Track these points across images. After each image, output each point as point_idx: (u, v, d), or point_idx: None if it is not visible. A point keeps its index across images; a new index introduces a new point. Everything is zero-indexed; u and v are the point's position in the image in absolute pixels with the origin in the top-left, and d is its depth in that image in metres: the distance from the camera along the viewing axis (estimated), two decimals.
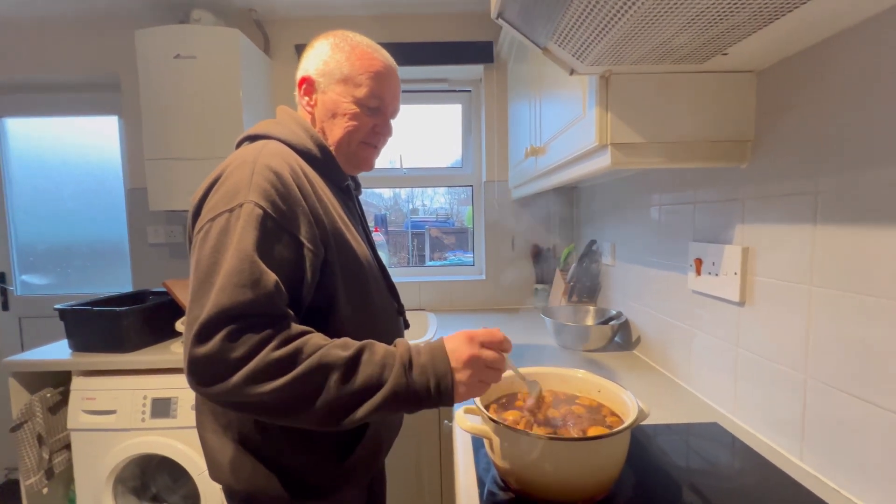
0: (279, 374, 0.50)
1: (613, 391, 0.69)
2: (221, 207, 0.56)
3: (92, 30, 1.77)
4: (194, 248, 0.56)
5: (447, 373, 0.55)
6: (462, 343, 0.57)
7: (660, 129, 0.75)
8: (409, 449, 1.40)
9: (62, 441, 1.33)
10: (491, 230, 1.91)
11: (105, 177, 1.98)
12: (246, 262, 0.51)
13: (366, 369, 0.53)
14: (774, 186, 0.72)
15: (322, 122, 0.72)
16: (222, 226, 0.54)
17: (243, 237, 0.53)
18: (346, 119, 0.71)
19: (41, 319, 1.95)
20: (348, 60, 0.70)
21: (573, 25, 0.60)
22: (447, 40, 1.76)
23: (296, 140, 0.68)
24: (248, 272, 0.51)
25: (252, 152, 0.61)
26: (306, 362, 0.51)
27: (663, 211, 1.08)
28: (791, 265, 0.69)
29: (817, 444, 0.65)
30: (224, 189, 0.57)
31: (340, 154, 0.73)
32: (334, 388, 0.51)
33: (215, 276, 0.51)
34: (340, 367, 0.52)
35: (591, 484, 0.58)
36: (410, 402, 0.54)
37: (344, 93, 0.71)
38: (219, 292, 0.50)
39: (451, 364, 0.56)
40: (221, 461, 0.65)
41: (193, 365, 0.50)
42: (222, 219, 0.55)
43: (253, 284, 0.51)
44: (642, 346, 1.21)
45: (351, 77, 0.70)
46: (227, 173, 0.59)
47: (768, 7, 0.53)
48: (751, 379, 0.79)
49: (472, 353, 0.56)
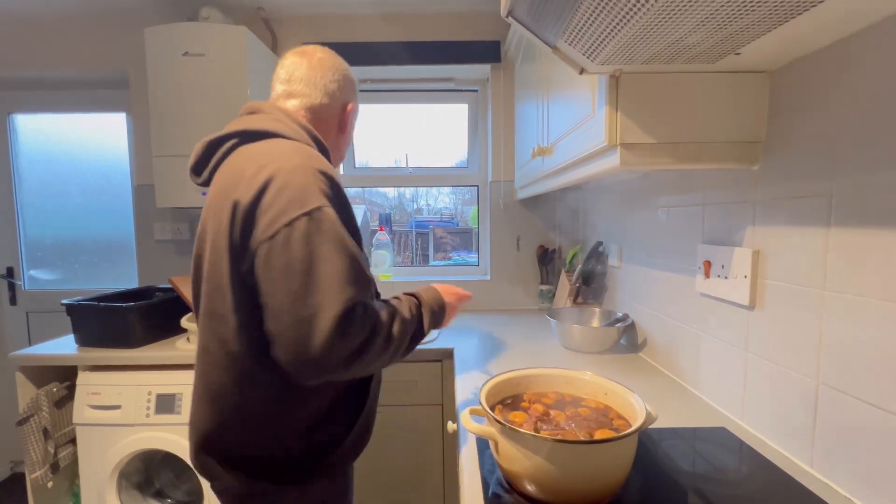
0: (393, 338, 0.64)
1: (621, 394, 0.69)
2: (296, 211, 0.57)
3: (101, 27, 1.78)
4: (272, 252, 0.57)
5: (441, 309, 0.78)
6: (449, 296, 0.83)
7: (670, 130, 0.74)
8: (413, 450, 1.39)
9: (67, 435, 1.34)
10: (496, 230, 1.90)
11: (113, 173, 1.99)
12: (354, 259, 0.59)
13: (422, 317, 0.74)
14: (787, 188, 0.71)
15: (337, 137, 0.83)
16: (306, 228, 0.56)
17: (337, 237, 0.58)
18: (348, 137, 0.86)
19: (48, 314, 1.97)
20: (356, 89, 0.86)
21: (584, 24, 0.60)
22: (454, 39, 1.76)
23: (300, 139, 0.71)
24: (358, 267, 0.59)
25: (294, 154, 0.63)
26: (400, 325, 0.66)
27: (671, 212, 1.07)
28: (803, 269, 0.68)
29: (828, 451, 0.64)
30: (289, 193, 0.58)
31: (337, 158, 0.85)
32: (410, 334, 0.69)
33: (320, 275, 0.56)
34: (409, 319, 0.69)
35: (597, 487, 0.57)
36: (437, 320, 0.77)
37: (356, 112, 0.86)
38: (341, 288, 0.56)
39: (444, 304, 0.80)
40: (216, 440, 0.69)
41: (332, 350, 0.55)
42: (302, 222, 0.56)
43: (364, 276, 0.60)
44: (648, 349, 1.20)
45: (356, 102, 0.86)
46: (285, 177, 0.59)
47: (783, 7, 0.52)
48: (760, 383, 0.78)
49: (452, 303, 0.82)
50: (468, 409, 0.67)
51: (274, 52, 1.77)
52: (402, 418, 1.38)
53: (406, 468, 1.40)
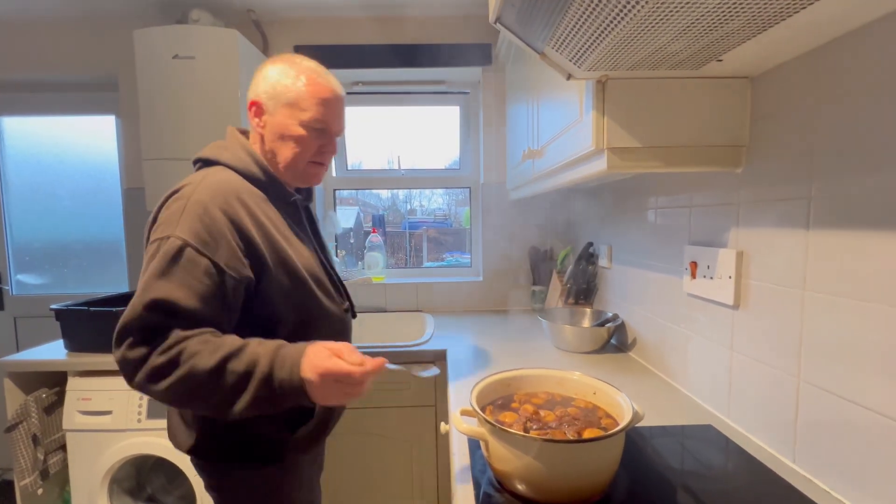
0: (162, 377, 0.60)
1: (609, 393, 0.70)
2: (157, 234, 0.65)
3: (90, 29, 1.76)
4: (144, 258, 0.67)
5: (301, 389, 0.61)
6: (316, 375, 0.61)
7: (655, 134, 0.75)
8: (405, 451, 1.40)
9: (57, 441, 1.33)
10: (488, 232, 1.91)
11: (102, 176, 1.97)
12: (144, 286, 0.61)
13: (229, 378, 0.60)
14: (768, 191, 0.73)
15: (271, 142, 0.78)
16: (151, 252, 0.65)
17: (155, 266, 0.62)
18: (293, 141, 0.77)
19: (37, 319, 1.94)
20: (294, 85, 0.76)
21: (570, 31, 0.61)
22: (446, 42, 1.77)
23: (240, 165, 0.76)
24: (141, 294, 0.61)
25: (193, 184, 0.70)
26: (179, 369, 0.59)
27: (659, 214, 1.09)
28: (784, 269, 0.70)
29: (809, 447, 0.66)
30: (165, 216, 0.67)
31: (289, 171, 0.79)
32: (210, 391, 0.60)
33: (137, 291, 0.62)
34: (206, 373, 0.59)
35: (586, 485, 0.58)
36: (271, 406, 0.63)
37: (290, 116, 0.76)
38: (128, 309, 0.61)
39: (303, 377, 0.61)
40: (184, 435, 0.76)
41: (119, 363, 0.62)
42: (153, 247, 0.65)
43: (146, 305, 0.60)
44: (638, 349, 1.22)
45: (297, 101, 0.76)
46: (171, 202, 0.68)
47: (762, 15, 0.53)
48: (744, 382, 0.80)
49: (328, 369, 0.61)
50: (459, 410, 0.68)
51: (265, 55, 1.76)
52: (396, 420, 1.39)
53: (400, 469, 1.41)
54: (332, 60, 1.76)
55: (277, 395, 0.61)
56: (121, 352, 0.61)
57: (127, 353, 0.60)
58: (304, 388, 0.61)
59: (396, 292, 1.90)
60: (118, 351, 0.61)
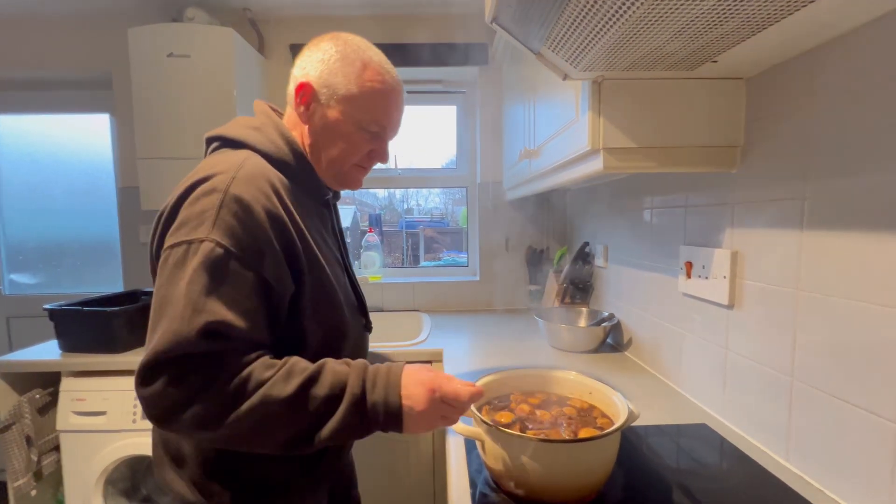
0: (221, 415, 0.50)
1: (604, 393, 0.70)
2: (182, 236, 0.53)
3: (84, 27, 1.75)
4: (158, 270, 0.55)
5: (397, 412, 0.54)
6: (422, 392, 0.55)
7: (651, 134, 0.76)
8: (403, 451, 1.40)
9: (51, 442, 1.32)
10: (485, 231, 1.91)
11: (96, 175, 1.96)
12: (189, 306, 0.50)
13: (312, 404, 0.52)
14: (763, 191, 0.73)
15: (316, 135, 0.68)
16: (178, 258, 0.52)
17: (194, 279, 0.51)
18: (343, 140, 0.67)
19: (30, 319, 1.93)
20: (358, 79, 0.65)
21: (566, 31, 0.61)
22: (443, 41, 1.76)
23: (274, 151, 0.64)
24: (188, 317, 0.49)
25: (228, 172, 0.57)
26: (247, 402, 0.50)
27: (655, 214, 1.09)
28: (778, 269, 0.70)
29: (802, 446, 0.66)
30: (191, 212, 0.54)
31: (330, 171, 0.70)
32: (285, 424, 0.52)
33: (162, 314, 0.51)
34: (282, 403, 0.51)
35: (582, 485, 0.59)
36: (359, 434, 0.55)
37: (347, 113, 0.66)
38: (161, 335, 0.49)
39: (404, 410, 0.55)
40: (186, 493, 0.63)
41: (141, 403, 0.50)
42: (180, 250, 0.52)
43: (202, 331, 0.49)
44: (634, 348, 1.22)
45: (357, 98, 0.65)
46: (198, 194, 0.55)
47: (756, 17, 0.54)
48: (739, 381, 0.80)
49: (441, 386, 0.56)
50: None
51: (261, 54, 1.76)
52: None
53: (396, 469, 1.41)
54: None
55: (368, 420, 0.54)
56: (157, 388, 0.48)
57: (169, 390, 0.48)
58: (401, 411, 0.54)
59: (393, 292, 1.90)
60: (151, 387, 0.49)
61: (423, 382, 0.56)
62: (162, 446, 0.66)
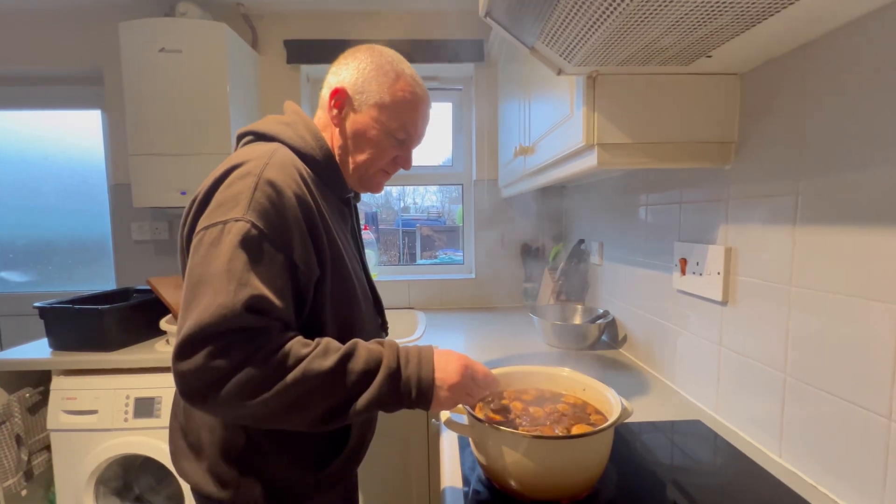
0: (263, 388, 0.51)
1: (598, 389, 0.70)
2: (218, 217, 0.55)
3: (75, 22, 1.73)
4: (191, 251, 0.56)
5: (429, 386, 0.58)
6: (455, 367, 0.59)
7: (645, 130, 0.75)
8: (398, 448, 1.39)
9: (42, 442, 1.31)
10: (481, 229, 1.91)
11: (88, 172, 1.93)
12: (232, 281, 0.51)
13: (350, 377, 0.55)
14: (757, 187, 0.73)
15: (346, 138, 0.71)
16: (214, 237, 0.53)
17: (234, 256, 0.52)
18: (372, 145, 0.70)
19: (20, 317, 1.90)
20: (390, 88, 0.69)
21: (560, 25, 0.60)
22: (438, 38, 1.76)
23: (303, 146, 0.67)
24: (233, 291, 0.50)
25: (261, 159, 0.59)
26: (290, 375, 0.51)
27: (650, 211, 1.09)
28: (772, 265, 0.70)
29: (795, 441, 0.67)
30: (225, 195, 0.56)
31: (356, 173, 0.72)
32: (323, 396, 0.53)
33: (202, 290, 0.51)
34: (322, 376, 0.53)
35: (576, 482, 0.58)
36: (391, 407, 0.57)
37: (377, 118, 0.69)
38: (203, 309, 0.50)
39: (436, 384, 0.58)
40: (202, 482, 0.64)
41: (178, 379, 0.50)
42: (215, 230, 0.54)
43: (248, 304, 0.51)
44: (629, 345, 1.22)
45: (388, 106, 0.69)
46: (233, 178, 0.57)
47: (750, 12, 0.53)
48: (733, 377, 0.80)
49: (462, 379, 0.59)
50: None
51: (254, 49, 1.74)
52: (387, 417, 1.38)
53: (391, 467, 1.40)
54: (323, 55, 1.74)
55: (401, 393, 0.56)
56: (198, 361, 0.49)
57: (212, 363, 0.49)
58: (433, 384, 0.57)
59: (388, 290, 1.89)
60: (191, 360, 0.49)
61: (456, 359, 0.60)
62: (181, 436, 0.68)
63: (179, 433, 0.69)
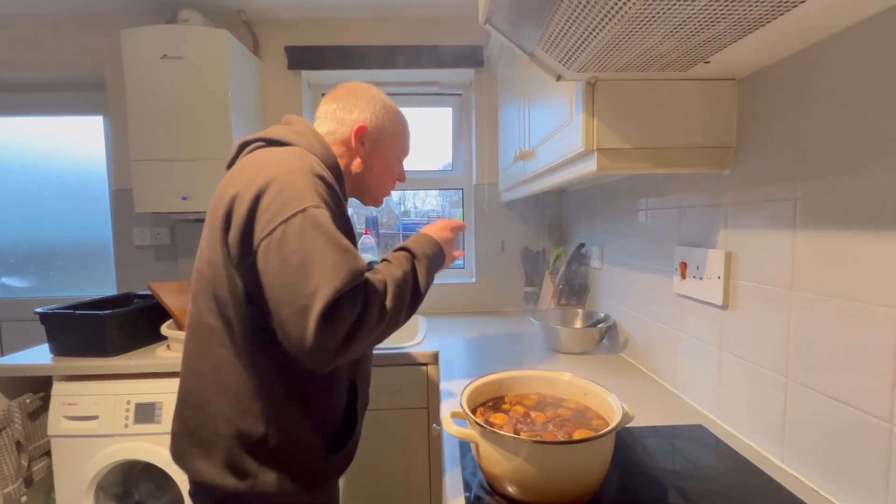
0: (382, 314, 0.64)
1: (599, 394, 0.70)
2: (290, 211, 0.60)
3: (77, 28, 1.74)
4: (269, 248, 0.60)
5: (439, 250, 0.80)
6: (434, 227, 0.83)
7: (644, 135, 0.76)
8: (399, 454, 1.39)
9: (42, 448, 1.30)
10: (481, 233, 1.91)
11: (89, 177, 1.94)
12: (342, 252, 0.60)
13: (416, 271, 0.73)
14: (755, 192, 0.74)
15: (365, 167, 0.83)
16: (299, 226, 0.59)
17: (327, 233, 0.60)
18: (388, 169, 0.87)
19: (22, 323, 1.91)
20: (395, 123, 0.86)
21: (559, 32, 0.61)
22: (438, 44, 1.77)
23: (317, 153, 0.74)
24: (347, 258, 0.60)
25: (295, 160, 0.66)
26: (390, 292, 0.66)
27: (650, 215, 1.09)
28: (771, 269, 0.70)
29: (797, 446, 0.66)
30: (285, 195, 0.61)
31: (375, 192, 0.88)
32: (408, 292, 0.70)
33: (315, 266, 0.58)
34: (402, 279, 0.69)
35: (577, 487, 0.58)
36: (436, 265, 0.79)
37: (391, 148, 0.86)
38: (331, 278, 0.57)
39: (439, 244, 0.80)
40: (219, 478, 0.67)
41: (327, 336, 0.57)
42: (296, 221, 0.59)
43: (353, 266, 0.60)
44: (630, 349, 1.22)
45: (396, 136, 0.86)
46: (280, 181, 0.62)
47: (747, 18, 0.54)
48: (734, 381, 0.80)
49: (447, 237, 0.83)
50: (450, 413, 0.68)
51: (256, 56, 1.75)
52: (388, 422, 1.38)
53: (392, 472, 1.40)
54: (324, 61, 1.76)
55: (427, 257, 0.75)
56: (343, 314, 0.58)
57: (350, 313, 0.59)
58: (431, 237, 0.79)
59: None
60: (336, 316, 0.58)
61: (429, 227, 0.83)
62: (188, 440, 0.70)
63: (186, 438, 0.70)
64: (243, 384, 0.67)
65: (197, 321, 0.70)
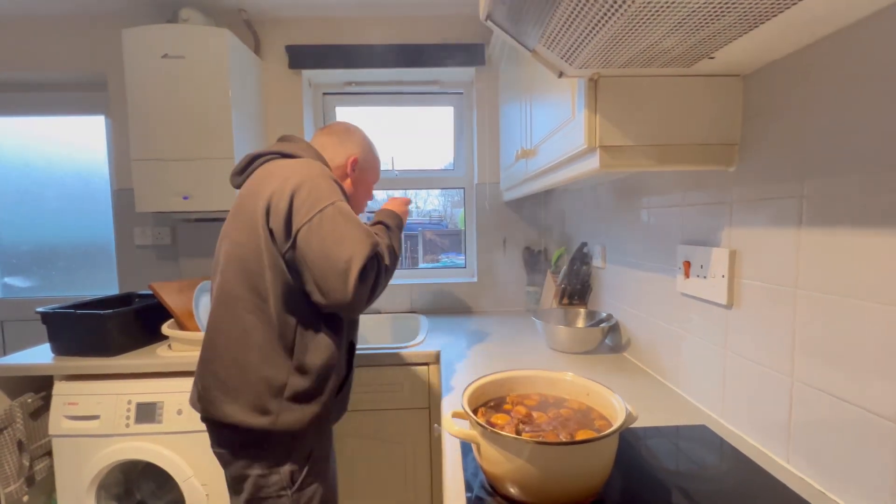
0: (395, 259, 0.92)
1: (602, 394, 0.69)
2: (324, 203, 0.80)
3: (78, 28, 1.74)
4: (309, 231, 0.78)
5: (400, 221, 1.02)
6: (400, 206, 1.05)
7: (648, 132, 0.75)
8: (401, 454, 1.39)
9: (43, 447, 1.30)
10: (482, 232, 1.90)
11: (91, 177, 1.95)
12: (364, 231, 0.81)
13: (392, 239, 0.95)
14: (760, 189, 0.73)
15: (356, 189, 1.06)
16: (331, 214, 0.80)
17: (350, 219, 0.81)
18: (368, 191, 1.11)
19: (23, 322, 1.91)
20: (375, 159, 1.10)
21: (561, 28, 0.60)
22: (439, 42, 1.76)
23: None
24: (369, 235, 0.81)
25: (316, 167, 0.87)
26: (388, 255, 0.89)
27: (652, 213, 1.08)
28: (777, 268, 0.70)
29: (803, 447, 0.66)
30: (316, 194, 0.81)
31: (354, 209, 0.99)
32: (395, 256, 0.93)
33: (347, 242, 0.78)
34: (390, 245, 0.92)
35: (580, 488, 0.58)
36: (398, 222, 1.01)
37: (371, 176, 1.09)
38: (362, 248, 0.78)
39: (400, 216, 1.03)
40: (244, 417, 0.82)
41: (362, 288, 0.79)
42: (329, 210, 0.80)
43: (374, 241, 0.82)
44: (632, 349, 1.21)
45: (375, 168, 1.11)
46: (310, 183, 0.83)
47: (753, 12, 0.53)
48: (738, 381, 0.79)
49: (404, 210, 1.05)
50: (451, 413, 0.67)
51: (257, 55, 1.75)
52: (389, 422, 1.37)
53: (394, 472, 1.39)
54: (325, 60, 1.75)
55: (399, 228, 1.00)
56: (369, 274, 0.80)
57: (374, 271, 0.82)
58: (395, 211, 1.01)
59: (391, 294, 1.89)
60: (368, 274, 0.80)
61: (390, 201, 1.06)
62: (216, 389, 0.84)
63: (214, 388, 0.85)
64: (268, 341, 0.82)
65: (225, 292, 0.85)
